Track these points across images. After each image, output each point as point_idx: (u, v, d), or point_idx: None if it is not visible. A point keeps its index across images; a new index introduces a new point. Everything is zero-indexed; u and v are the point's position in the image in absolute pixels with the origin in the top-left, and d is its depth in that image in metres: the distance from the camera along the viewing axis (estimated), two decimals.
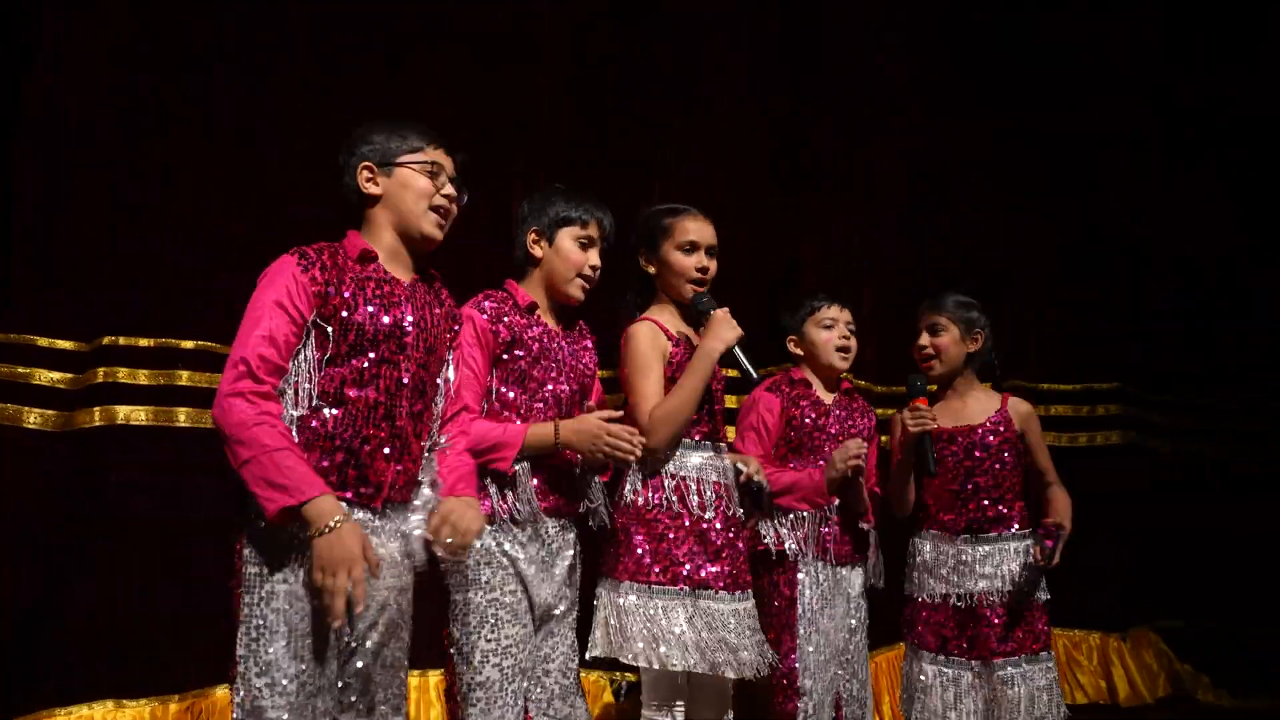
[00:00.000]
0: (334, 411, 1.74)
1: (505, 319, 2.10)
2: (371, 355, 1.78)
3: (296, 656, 1.66)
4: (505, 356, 2.09)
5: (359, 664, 1.76)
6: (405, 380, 1.82)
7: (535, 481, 2.07)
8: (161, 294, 2.87)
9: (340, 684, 1.75)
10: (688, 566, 2.17)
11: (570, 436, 2.05)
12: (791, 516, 2.49)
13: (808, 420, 2.54)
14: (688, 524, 2.20)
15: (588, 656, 2.20)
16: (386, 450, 1.79)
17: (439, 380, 1.94)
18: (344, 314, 1.75)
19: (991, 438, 2.59)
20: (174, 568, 2.81)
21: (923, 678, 2.56)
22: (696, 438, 2.27)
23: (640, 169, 3.56)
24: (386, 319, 1.80)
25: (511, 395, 2.09)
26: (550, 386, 2.13)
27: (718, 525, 2.22)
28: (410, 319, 1.84)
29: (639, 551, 2.18)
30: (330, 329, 1.74)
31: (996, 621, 2.50)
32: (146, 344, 2.85)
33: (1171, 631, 4.24)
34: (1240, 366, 4.55)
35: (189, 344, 2.91)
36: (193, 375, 2.90)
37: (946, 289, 2.71)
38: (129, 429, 2.79)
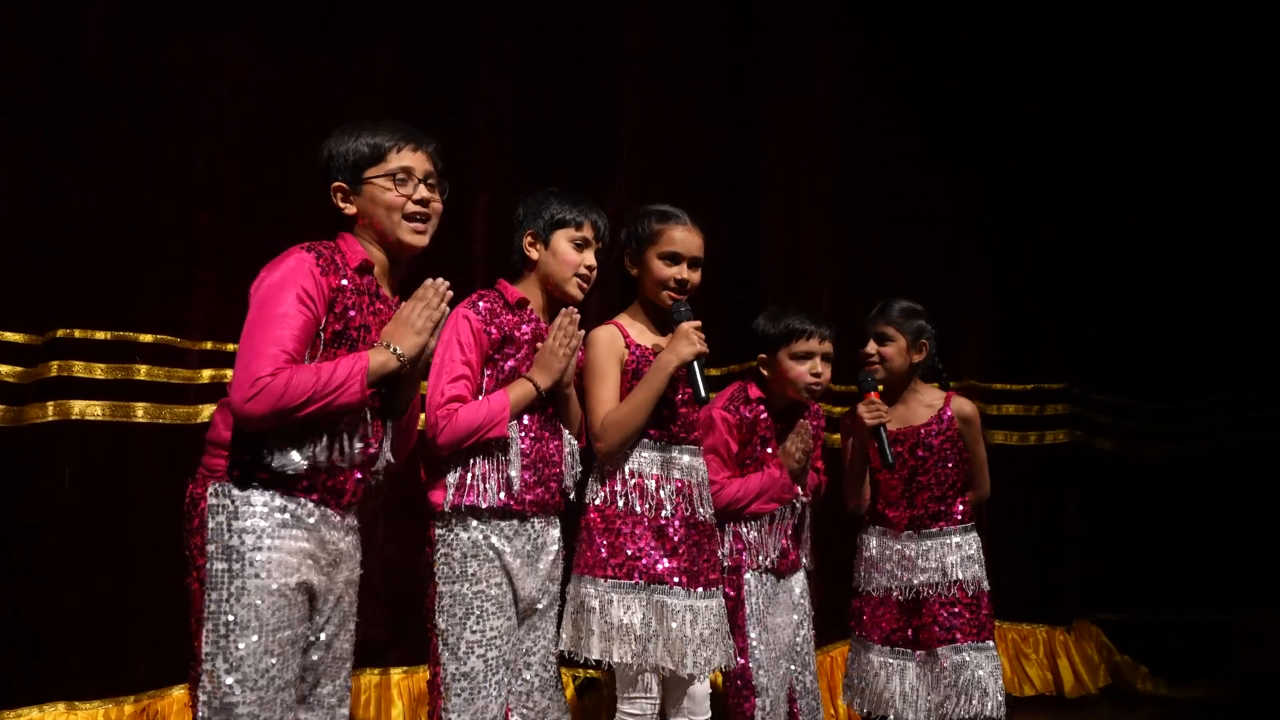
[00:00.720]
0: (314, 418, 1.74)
1: (497, 319, 2.15)
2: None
3: (267, 651, 1.67)
4: (497, 355, 2.14)
5: (314, 656, 1.80)
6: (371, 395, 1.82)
7: (523, 475, 2.11)
8: (119, 286, 2.80)
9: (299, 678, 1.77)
10: (644, 561, 2.21)
11: (539, 372, 2.11)
12: (763, 520, 2.53)
13: (762, 435, 2.58)
14: (646, 521, 2.24)
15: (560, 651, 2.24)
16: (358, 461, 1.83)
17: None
18: (344, 321, 1.77)
19: (935, 437, 2.68)
20: (130, 566, 2.74)
21: (871, 669, 2.64)
22: (659, 437, 2.31)
23: (600, 162, 3.57)
24: (371, 335, 1.82)
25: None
26: None
27: (676, 523, 2.26)
28: None
29: (598, 545, 2.23)
30: (328, 330, 1.76)
31: (941, 612, 2.59)
32: (103, 337, 2.77)
33: (1111, 624, 4.39)
34: (1176, 369, 4.73)
35: (147, 337, 2.84)
36: (151, 369, 2.83)
37: (893, 298, 2.76)
38: (84, 424, 2.72)
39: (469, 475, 2.07)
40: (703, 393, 2.22)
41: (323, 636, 1.80)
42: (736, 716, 2.46)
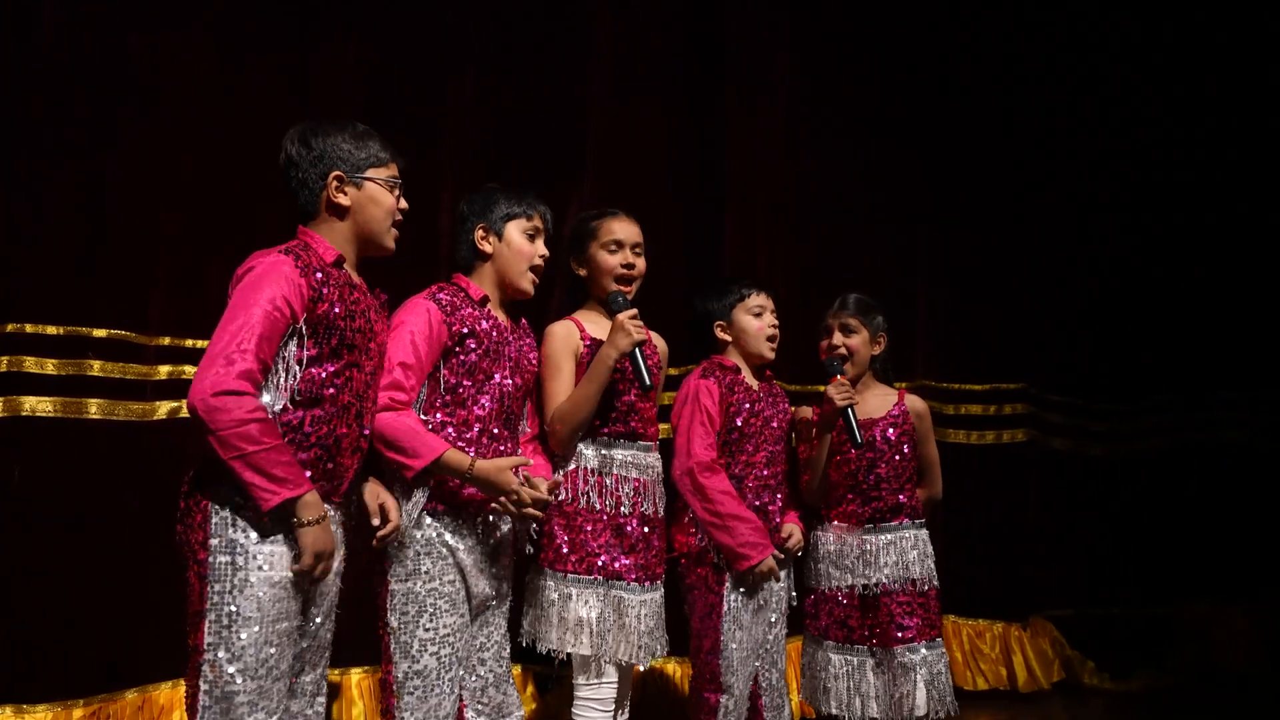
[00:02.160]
0: (313, 410, 1.80)
1: (459, 312, 2.14)
2: (346, 358, 1.86)
3: (267, 642, 1.73)
4: (457, 349, 2.12)
5: (304, 644, 1.86)
6: (369, 381, 1.93)
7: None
8: (71, 280, 2.73)
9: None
10: (603, 557, 2.28)
11: (482, 475, 2.03)
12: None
13: (745, 407, 2.58)
14: (605, 518, 2.30)
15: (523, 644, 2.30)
16: (352, 448, 1.89)
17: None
18: (330, 318, 1.82)
19: (891, 430, 2.72)
20: (82, 567, 2.68)
21: (828, 667, 2.67)
22: (620, 435, 2.35)
23: (566, 163, 3.56)
24: (357, 324, 1.88)
25: (464, 385, 2.12)
26: (497, 378, 2.17)
27: (634, 521, 2.32)
28: (370, 324, 1.93)
29: (558, 541, 2.29)
30: (315, 332, 1.80)
31: (897, 610, 2.63)
32: (54, 332, 2.70)
33: (1063, 619, 4.49)
34: (1125, 369, 4.84)
35: (101, 332, 2.77)
36: (105, 365, 2.77)
37: (849, 293, 2.81)
38: (34, 421, 2.65)
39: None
40: (647, 380, 2.26)
41: (311, 626, 1.85)
42: (700, 711, 2.49)
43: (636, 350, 2.25)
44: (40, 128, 2.71)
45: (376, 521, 1.98)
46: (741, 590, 2.50)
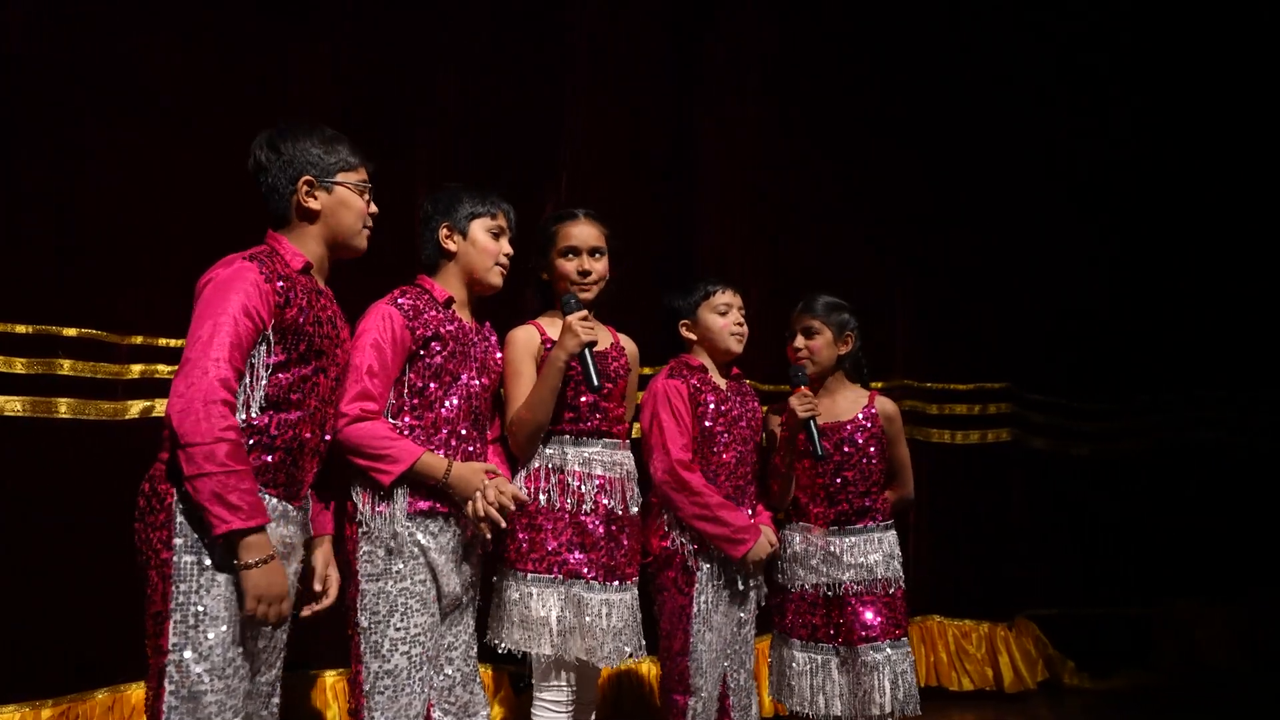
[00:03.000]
0: (279, 415, 1.81)
1: (422, 315, 2.14)
2: (312, 364, 1.87)
3: (235, 641, 1.72)
4: (422, 352, 2.13)
5: (260, 645, 1.86)
6: (333, 386, 1.96)
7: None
8: (41, 278, 2.72)
9: None
10: (562, 555, 2.27)
11: (458, 480, 2.06)
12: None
13: (712, 407, 2.57)
14: (566, 516, 2.29)
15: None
16: (313, 452, 1.92)
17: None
18: (297, 324, 1.83)
19: (860, 434, 2.70)
20: (50, 567, 2.67)
21: (793, 665, 2.66)
22: (580, 433, 2.34)
23: (542, 162, 3.56)
24: (324, 329, 1.90)
25: (430, 387, 2.12)
26: (464, 378, 2.18)
27: (596, 518, 2.31)
28: (335, 329, 1.96)
29: (519, 540, 2.29)
30: (284, 338, 1.81)
31: (861, 609, 2.61)
32: (24, 330, 2.70)
33: (1047, 619, 4.47)
34: (1106, 369, 4.83)
35: (71, 331, 2.77)
36: (75, 364, 2.77)
37: (816, 293, 2.79)
38: (3, 420, 2.64)
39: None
40: (594, 381, 2.26)
41: (267, 627, 1.83)
42: (669, 713, 2.49)
43: (586, 351, 2.25)
44: (9, 127, 2.70)
45: (319, 587, 2.01)
46: (711, 591, 2.49)
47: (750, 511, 2.59)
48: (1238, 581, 4.78)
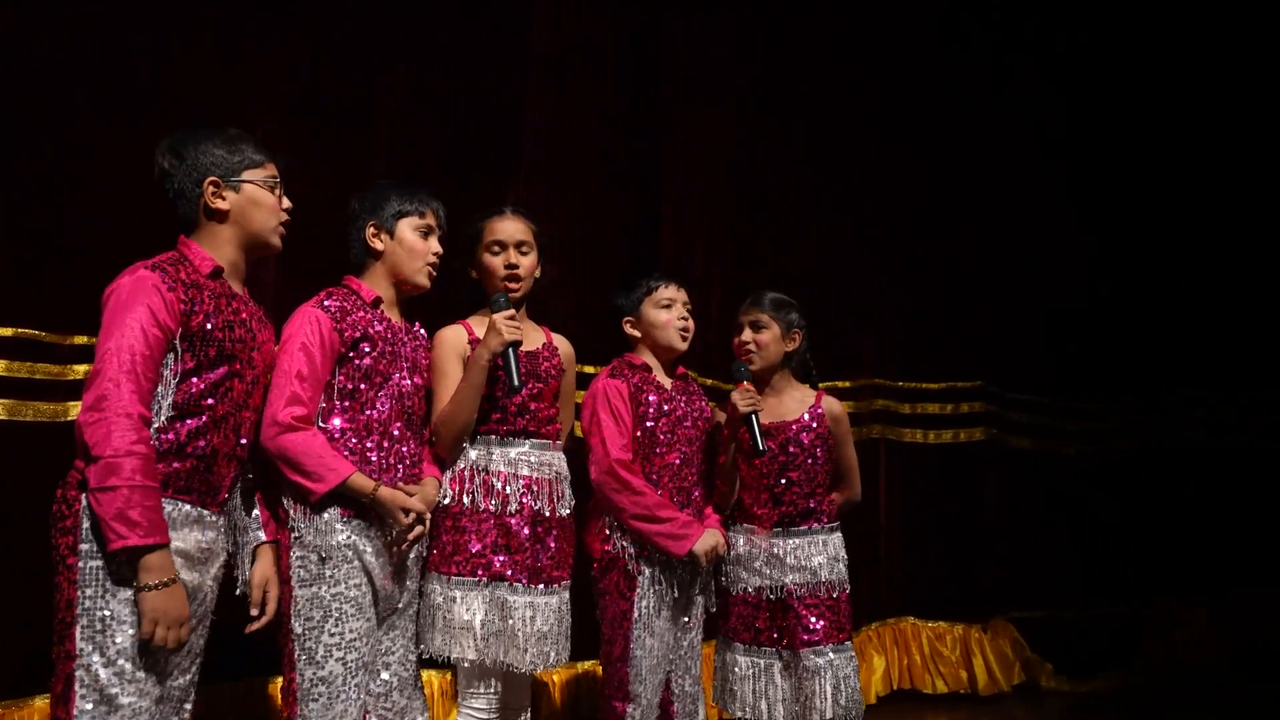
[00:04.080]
0: (189, 422, 1.81)
1: (349, 317, 2.10)
2: (223, 369, 1.86)
3: (145, 647, 1.71)
4: (351, 354, 2.09)
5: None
6: (249, 390, 1.94)
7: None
8: None
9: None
10: (486, 558, 2.23)
11: (384, 501, 2.05)
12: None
13: (652, 409, 2.53)
14: (492, 519, 2.25)
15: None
16: (229, 457, 1.91)
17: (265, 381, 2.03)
18: (205, 330, 1.82)
19: (805, 434, 2.65)
20: None
21: (736, 669, 2.61)
22: (506, 433, 2.30)
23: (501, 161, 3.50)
24: (236, 334, 1.88)
25: (361, 388, 2.09)
26: (395, 379, 2.15)
27: (521, 520, 2.26)
28: (251, 333, 1.94)
29: (443, 543, 2.26)
30: (192, 344, 1.81)
31: (805, 613, 2.56)
32: None
33: (1026, 621, 4.43)
34: (1095, 370, 4.80)
35: (7, 331, 2.68)
36: (10, 365, 2.69)
37: (764, 290, 2.77)
38: None
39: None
40: (515, 382, 2.23)
41: (166, 652, 1.80)
42: (609, 715, 2.44)
43: (510, 351, 2.22)
44: None
45: (255, 612, 2.00)
46: (653, 596, 2.44)
47: (697, 514, 2.55)
48: (1218, 581, 4.76)
